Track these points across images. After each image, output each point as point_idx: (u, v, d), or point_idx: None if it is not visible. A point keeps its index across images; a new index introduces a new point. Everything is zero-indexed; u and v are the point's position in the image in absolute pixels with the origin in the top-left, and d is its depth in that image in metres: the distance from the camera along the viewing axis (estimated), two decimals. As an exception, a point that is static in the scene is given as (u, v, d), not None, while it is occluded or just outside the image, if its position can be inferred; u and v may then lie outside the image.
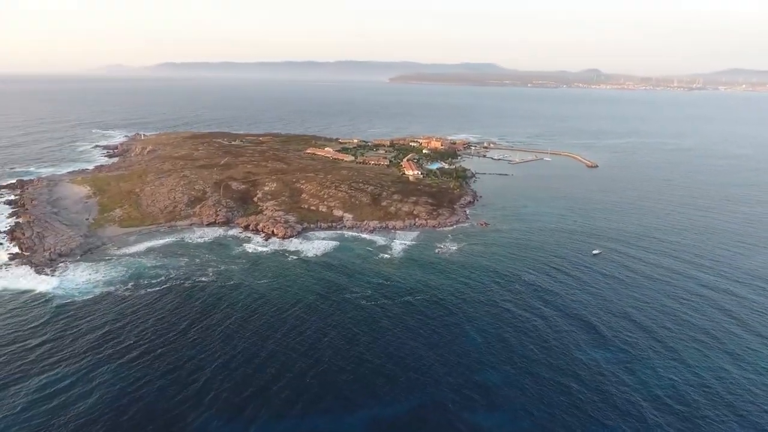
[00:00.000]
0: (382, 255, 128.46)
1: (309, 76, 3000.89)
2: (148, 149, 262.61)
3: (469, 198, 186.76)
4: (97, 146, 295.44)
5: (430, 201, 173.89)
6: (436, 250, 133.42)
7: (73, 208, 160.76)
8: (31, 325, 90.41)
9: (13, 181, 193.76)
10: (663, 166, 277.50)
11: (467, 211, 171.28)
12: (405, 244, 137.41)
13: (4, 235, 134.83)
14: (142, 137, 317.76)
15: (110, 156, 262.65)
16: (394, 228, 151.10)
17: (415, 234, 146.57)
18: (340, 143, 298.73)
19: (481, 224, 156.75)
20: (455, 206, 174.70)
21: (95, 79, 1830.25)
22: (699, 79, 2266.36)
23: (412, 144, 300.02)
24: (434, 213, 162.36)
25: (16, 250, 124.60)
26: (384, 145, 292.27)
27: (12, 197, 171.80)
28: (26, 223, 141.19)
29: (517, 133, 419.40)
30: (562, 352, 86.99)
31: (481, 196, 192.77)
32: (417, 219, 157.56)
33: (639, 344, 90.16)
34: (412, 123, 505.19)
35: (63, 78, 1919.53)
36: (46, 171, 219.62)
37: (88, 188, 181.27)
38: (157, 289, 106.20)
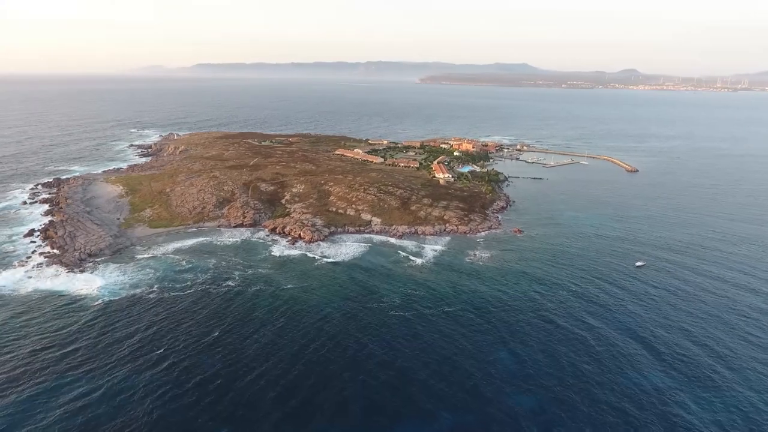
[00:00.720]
0: (411, 261, 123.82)
1: (339, 76, 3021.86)
2: (180, 149, 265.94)
3: (501, 203, 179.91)
4: (132, 145, 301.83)
5: (461, 206, 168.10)
6: (468, 258, 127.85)
7: (105, 208, 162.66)
8: (58, 331, 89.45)
9: (51, 179, 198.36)
10: (710, 172, 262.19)
11: (500, 217, 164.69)
12: (435, 250, 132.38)
13: (38, 233, 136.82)
14: (175, 137, 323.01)
15: (144, 155, 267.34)
16: (424, 233, 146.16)
17: (445, 240, 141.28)
18: (370, 144, 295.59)
19: (515, 231, 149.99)
20: (487, 211, 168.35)
21: (136, 80, 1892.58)
22: (744, 79, 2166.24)
23: (443, 146, 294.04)
24: (465, 218, 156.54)
25: (48, 249, 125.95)
26: (414, 147, 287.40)
27: (48, 195, 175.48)
28: (59, 221, 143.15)
29: (551, 136, 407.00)
30: (616, 372, 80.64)
31: (514, 201, 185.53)
32: (447, 224, 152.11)
33: (700, 366, 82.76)
34: (443, 124, 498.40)
35: (106, 78, 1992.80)
36: (83, 169, 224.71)
37: (121, 187, 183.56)
38: (183, 293, 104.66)
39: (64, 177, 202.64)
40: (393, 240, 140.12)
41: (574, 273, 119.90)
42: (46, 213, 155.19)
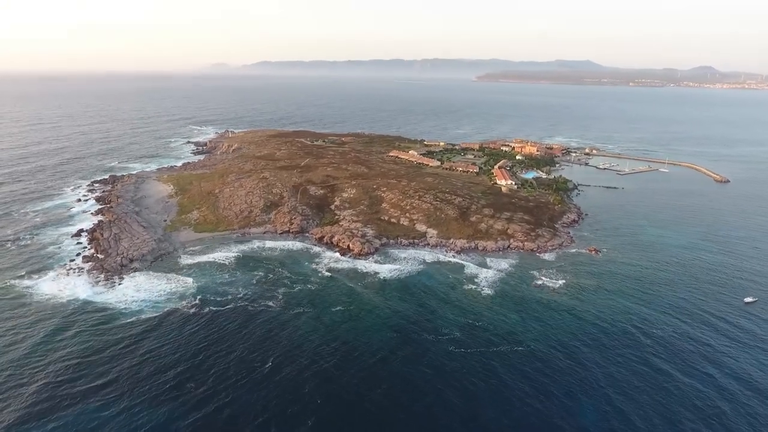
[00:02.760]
0: (470, 285, 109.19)
1: (395, 74, 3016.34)
2: (233, 147, 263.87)
3: (572, 216, 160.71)
4: (189, 142, 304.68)
5: (526, 218, 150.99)
6: (537, 282, 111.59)
7: (153, 208, 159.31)
8: (91, 355, 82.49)
9: (107, 176, 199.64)
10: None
11: (571, 233, 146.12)
12: (498, 271, 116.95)
13: (86, 234, 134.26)
14: (230, 135, 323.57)
15: (199, 153, 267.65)
16: (485, 250, 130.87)
17: (509, 258, 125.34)
18: (425, 146, 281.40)
19: (591, 251, 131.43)
20: (556, 225, 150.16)
21: (202, 77, 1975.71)
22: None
23: (504, 148, 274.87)
24: (532, 233, 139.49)
25: (92, 252, 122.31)
26: (472, 150, 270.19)
27: (102, 194, 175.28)
28: (107, 222, 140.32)
29: (623, 139, 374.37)
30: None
31: (586, 214, 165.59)
32: (512, 240, 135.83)
33: None
34: (502, 124, 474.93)
35: (175, 76, 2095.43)
36: (138, 167, 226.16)
37: (171, 187, 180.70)
38: (223, 309, 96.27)
39: (119, 174, 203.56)
40: (450, 256, 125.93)
41: (671, 306, 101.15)
42: (97, 212, 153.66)
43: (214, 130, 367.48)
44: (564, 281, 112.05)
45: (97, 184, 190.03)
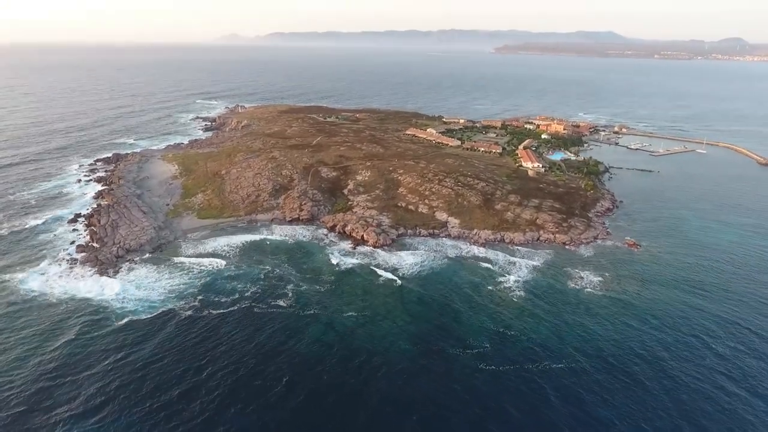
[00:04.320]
0: (498, 285, 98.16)
1: (411, 45, 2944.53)
2: (242, 124, 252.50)
3: (606, 203, 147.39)
4: (198, 117, 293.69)
5: (556, 206, 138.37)
6: (573, 282, 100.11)
7: (156, 190, 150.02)
8: (76, 361, 74.46)
9: (110, 154, 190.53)
10: None
11: (606, 223, 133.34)
12: (528, 268, 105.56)
13: (83, 219, 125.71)
14: (240, 110, 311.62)
15: (207, 129, 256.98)
16: (512, 242, 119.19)
17: (540, 253, 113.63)
18: (444, 123, 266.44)
19: (629, 244, 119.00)
20: (590, 214, 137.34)
21: (214, 49, 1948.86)
22: None
23: (528, 126, 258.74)
24: (564, 224, 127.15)
25: (87, 240, 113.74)
26: (494, 128, 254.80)
27: (104, 173, 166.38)
28: (106, 207, 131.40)
29: (654, 116, 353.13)
30: None
31: (621, 201, 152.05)
32: (541, 231, 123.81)
33: None
34: (524, 99, 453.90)
35: (186, 48, 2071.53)
36: (144, 144, 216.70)
37: (176, 167, 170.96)
38: (226, 310, 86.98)
39: (123, 152, 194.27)
40: (474, 250, 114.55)
41: (731, 313, 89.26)
42: (97, 195, 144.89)
43: (224, 104, 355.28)
44: (602, 281, 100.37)
45: (99, 163, 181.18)
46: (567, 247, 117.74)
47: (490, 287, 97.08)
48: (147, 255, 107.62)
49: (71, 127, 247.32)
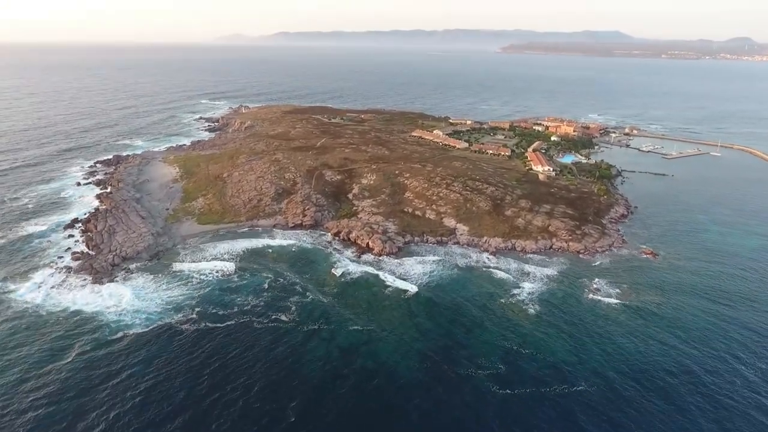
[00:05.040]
0: (510, 297, 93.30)
1: (415, 45, 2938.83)
2: (246, 124, 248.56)
3: (620, 209, 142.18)
4: (201, 118, 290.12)
5: (569, 212, 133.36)
6: (589, 293, 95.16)
7: (156, 194, 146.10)
8: (71, 379, 70.60)
9: (110, 156, 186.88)
10: None
11: (621, 230, 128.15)
12: (541, 279, 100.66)
13: (79, 225, 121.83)
14: (243, 110, 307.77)
15: (210, 130, 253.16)
16: (524, 250, 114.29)
17: (553, 262, 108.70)
18: (451, 124, 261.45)
19: (647, 253, 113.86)
20: (604, 221, 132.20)
21: (217, 49, 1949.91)
22: None
23: (536, 128, 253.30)
24: (577, 231, 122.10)
25: (83, 247, 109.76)
26: (502, 129, 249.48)
27: (103, 176, 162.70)
28: (103, 211, 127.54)
29: (665, 117, 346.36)
30: None
31: (635, 207, 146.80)
32: (554, 239, 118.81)
33: None
34: (531, 100, 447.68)
35: (189, 48, 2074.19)
36: (145, 145, 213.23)
37: (177, 170, 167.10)
38: (223, 325, 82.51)
39: (124, 154, 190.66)
40: (485, 259, 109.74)
41: (765, 326, 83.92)
42: (95, 198, 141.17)
43: (228, 104, 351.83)
44: (621, 293, 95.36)
45: (99, 165, 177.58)
46: (581, 255, 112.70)
47: (502, 300, 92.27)
48: (144, 263, 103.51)
49: (72, 127, 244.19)
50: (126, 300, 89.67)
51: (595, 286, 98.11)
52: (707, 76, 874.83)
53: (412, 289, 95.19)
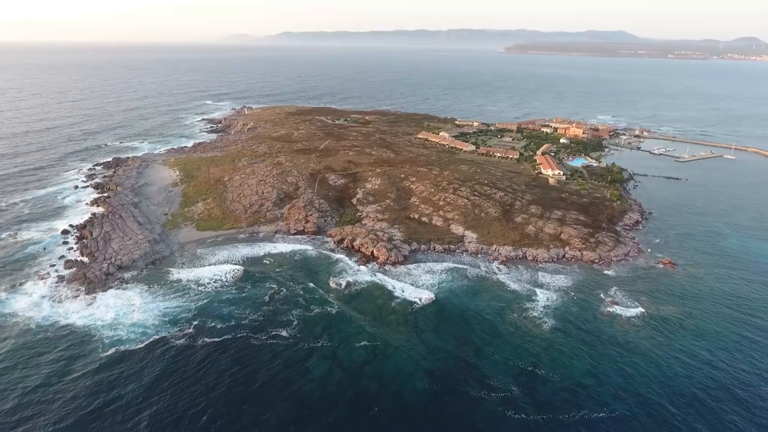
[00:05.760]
0: (523, 312, 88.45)
1: (420, 45, 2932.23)
2: (248, 126, 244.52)
3: (635, 215, 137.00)
4: (204, 119, 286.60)
5: (581, 218, 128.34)
6: (606, 308, 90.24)
7: (155, 198, 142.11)
8: (60, 400, 66.64)
9: (110, 159, 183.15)
10: None
11: (636, 238, 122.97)
12: (555, 291, 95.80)
13: (75, 231, 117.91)
14: (246, 112, 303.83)
15: (212, 131, 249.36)
16: (535, 260, 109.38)
17: (566, 273, 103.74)
18: (457, 125, 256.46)
19: (665, 263, 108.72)
20: (618, 228, 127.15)
21: (223, 49, 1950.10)
22: None
23: (544, 130, 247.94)
24: (591, 239, 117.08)
25: (77, 255, 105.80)
26: (510, 131, 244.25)
27: (102, 179, 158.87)
28: (100, 217, 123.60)
29: (676, 119, 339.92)
30: None
31: (650, 213, 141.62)
32: (567, 248, 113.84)
33: None
34: (538, 101, 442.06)
35: (194, 47, 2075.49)
36: (146, 147, 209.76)
37: (177, 173, 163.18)
38: (221, 339, 78.41)
39: (124, 157, 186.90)
40: (495, 268, 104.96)
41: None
42: (93, 202, 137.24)
43: (231, 105, 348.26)
44: (640, 307, 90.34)
45: (99, 167, 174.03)
46: (595, 265, 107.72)
47: (514, 314, 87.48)
48: (140, 272, 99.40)
49: (74, 128, 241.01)
50: (120, 312, 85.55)
51: (612, 298, 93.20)
52: (717, 77, 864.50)
53: (419, 301, 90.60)
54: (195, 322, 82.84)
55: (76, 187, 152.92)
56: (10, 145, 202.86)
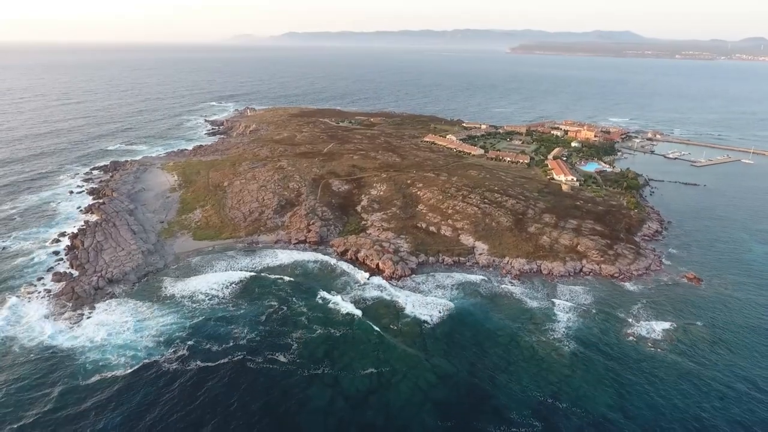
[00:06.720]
0: (540, 333, 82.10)
1: (425, 45, 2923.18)
2: (251, 128, 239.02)
3: (654, 224, 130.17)
4: (205, 120, 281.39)
5: (598, 228, 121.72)
6: (628, 328, 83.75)
7: (151, 205, 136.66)
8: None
9: (107, 163, 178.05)
10: None
11: (656, 250, 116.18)
12: (573, 310, 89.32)
13: (67, 239, 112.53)
14: (249, 113, 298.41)
15: (214, 133, 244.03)
16: (551, 274, 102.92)
17: (584, 290, 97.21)
18: (465, 128, 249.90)
19: (689, 278, 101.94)
20: (636, 239, 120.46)
21: (227, 49, 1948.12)
22: None
23: (554, 132, 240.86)
24: (609, 252, 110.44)
25: (66, 267, 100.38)
26: (519, 133, 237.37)
27: (98, 185, 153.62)
28: (92, 225, 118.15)
29: (689, 121, 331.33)
30: None
31: (669, 222, 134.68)
32: (584, 260, 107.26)
33: None
34: (546, 102, 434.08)
35: (197, 48, 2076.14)
36: (145, 150, 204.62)
37: (176, 177, 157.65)
38: (215, 364, 72.68)
39: (122, 160, 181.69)
40: (508, 283, 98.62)
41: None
42: (87, 209, 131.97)
43: (235, 106, 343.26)
44: (666, 329, 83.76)
45: (96, 171, 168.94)
46: (615, 280, 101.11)
47: (531, 336, 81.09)
48: (131, 286, 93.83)
49: (75, 130, 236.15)
50: (108, 332, 79.85)
51: (635, 318, 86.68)
52: (728, 77, 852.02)
53: (428, 321, 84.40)
54: (189, 342, 77.34)
55: (71, 192, 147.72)
56: (10, 147, 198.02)
